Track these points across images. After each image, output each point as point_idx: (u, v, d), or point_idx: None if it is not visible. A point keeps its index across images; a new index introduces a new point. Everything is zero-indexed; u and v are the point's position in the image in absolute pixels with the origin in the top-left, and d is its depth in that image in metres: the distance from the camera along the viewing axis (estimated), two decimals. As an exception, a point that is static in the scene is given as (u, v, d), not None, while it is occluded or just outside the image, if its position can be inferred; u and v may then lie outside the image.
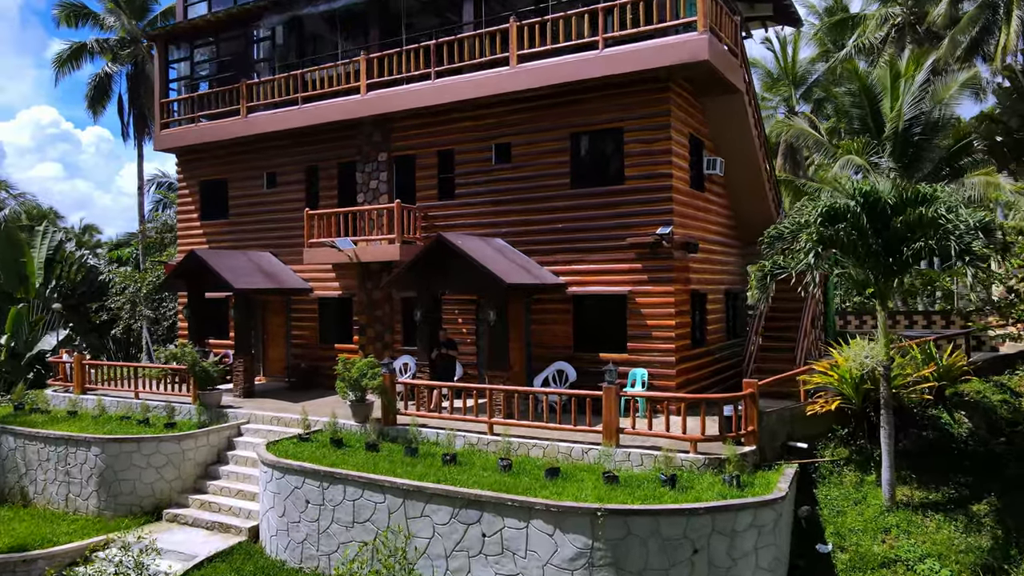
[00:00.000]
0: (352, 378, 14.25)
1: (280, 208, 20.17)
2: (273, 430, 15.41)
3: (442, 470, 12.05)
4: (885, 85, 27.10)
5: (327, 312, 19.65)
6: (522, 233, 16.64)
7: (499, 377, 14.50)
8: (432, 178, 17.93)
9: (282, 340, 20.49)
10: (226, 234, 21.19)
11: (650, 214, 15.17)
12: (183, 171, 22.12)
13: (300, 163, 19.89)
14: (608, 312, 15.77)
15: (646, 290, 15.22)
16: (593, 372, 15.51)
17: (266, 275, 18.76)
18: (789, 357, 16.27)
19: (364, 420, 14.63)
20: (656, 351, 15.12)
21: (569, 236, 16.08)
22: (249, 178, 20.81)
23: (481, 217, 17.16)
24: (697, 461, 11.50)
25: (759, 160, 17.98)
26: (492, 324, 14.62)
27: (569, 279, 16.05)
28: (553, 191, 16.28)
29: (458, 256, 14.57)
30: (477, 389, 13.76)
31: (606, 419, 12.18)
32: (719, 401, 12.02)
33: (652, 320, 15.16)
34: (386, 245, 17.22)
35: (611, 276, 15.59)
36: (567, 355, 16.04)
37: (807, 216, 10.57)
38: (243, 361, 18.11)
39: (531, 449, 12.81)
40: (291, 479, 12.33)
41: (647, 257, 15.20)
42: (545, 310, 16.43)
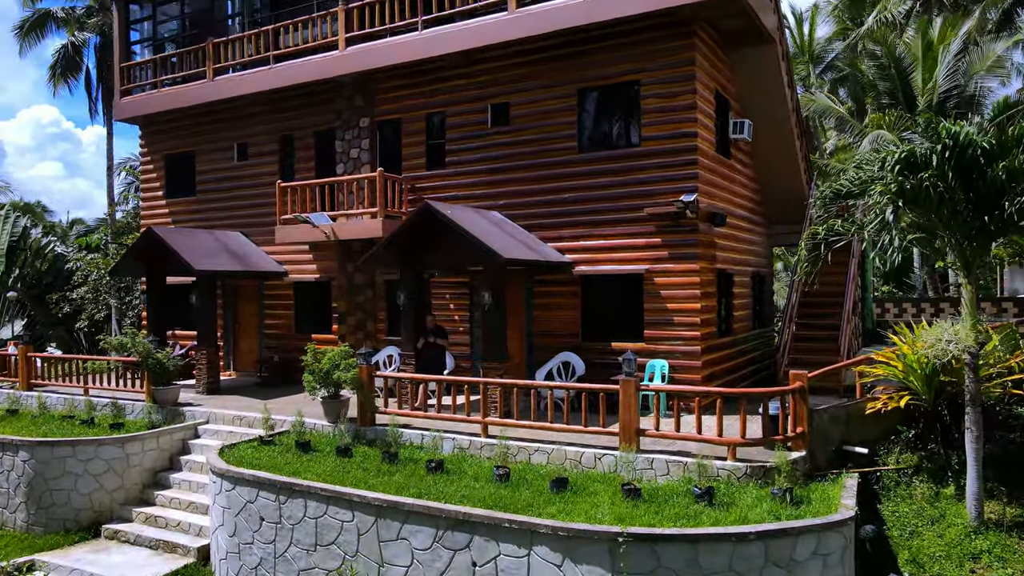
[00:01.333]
0: (322, 371, 12.12)
1: (252, 183, 18.05)
2: (234, 432, 13.29)
3: (425, 480, 9.94)
4: (917, 55, 25.02)
5: (303, 298, 17.53)
6: (522, 205, 14.52)
7: (495, 370, 12.38)
8: (420, 145, 15.81)
9: (255, 330, 18.38)
10: (194, 213, 19.07)
11: (671, 180, 13.05)
12: (146, 144, 19.99)
13: (274, 132, 17.76)
14: (622, 295, 13.66)
15: (666, 268, 13.09)
16: (604, 364, 13.40)
17: (233, 256, 16.64)
18: (831, 347, 14.14)
19: (337, 420, 12.51)
20: (678, 339, 13.00)
21: (577, 208, 13.95)
22: (218, 150, 18.68)
23: (476, 188, 15.04)
24: (737, 470, 9.38)
25: (792, 125, 15.85)
26: (487, 308, 12.50)
27: (577, 257, 13.92)
28: (558, 156, 14.15)
29: (447, 228, 12.45)
30: (469, 383, 11.64)
31: (624, 419, 10.06)
32: (760, 397, 9.90)
33: (673, 304, 13.04)
34: (368, 220, 15.09)
35: (625, 253, 13.47)
36: (574, 345, 13.92)
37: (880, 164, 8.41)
38: (206, 353, 15.99)
39: (533, 454, 10.69)
40: (242, 491, 10.20)
41: (668, 230, 13.07)
42: (549, 293, 14.31)
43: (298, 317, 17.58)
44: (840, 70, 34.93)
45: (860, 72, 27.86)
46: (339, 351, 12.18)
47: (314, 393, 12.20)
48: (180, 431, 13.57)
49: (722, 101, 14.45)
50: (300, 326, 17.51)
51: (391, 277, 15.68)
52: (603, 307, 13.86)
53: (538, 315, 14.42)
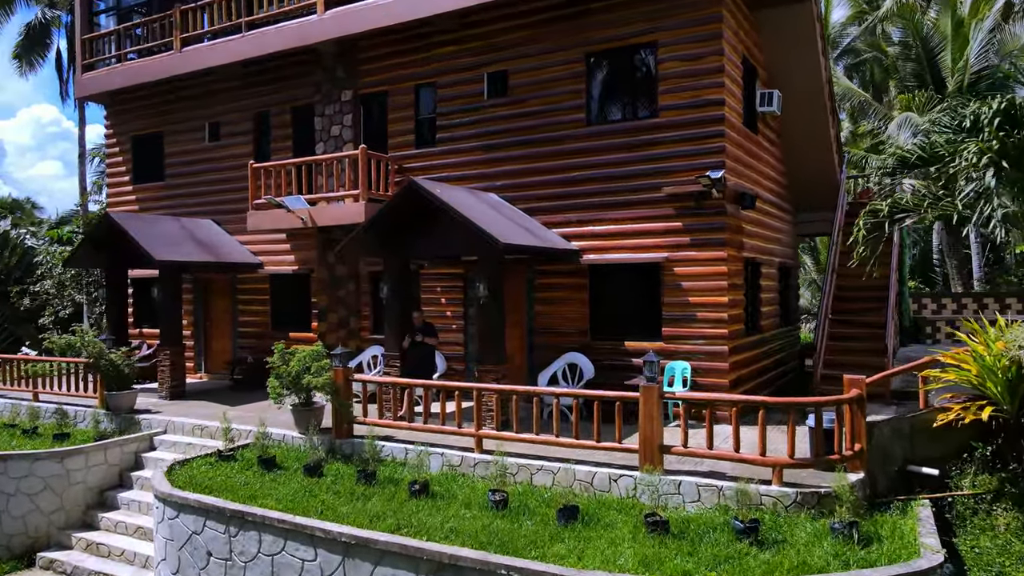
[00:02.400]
0: (291, 375, 10.44)
1: (225, 166, 16.36)
2: (194, 443, 11.61)
3: (407, 507, 8.29)
4: (945, 34, 23.33)
5: (280, 292, 15.85)
6: (523, 186, 12.83)
7: (492, 373, 10.72)
8: (408, 120, 14.12)
9: (229, 328, 16.69)
10: (162, 199, 17.37)
11: (693, 156, 11.36)
12: (112, 125, 18.29)
13: (247, 109, 16.07)
14: (636, 287, 11.99)
15: (688, 256, 11.40)
16: (616, 366, 11.75)
17: (201, 246, 14.95)
18: (871, 347, 12.45)
19: (310, 431, 10.84)
20: (701, 338, 11.31)
21: (585, 188, 12.27)
22: (188, 130, 16.99)
23: (470, 167, 13.35)
24: (784, 497, 7.70)
25: (825, 98, 14.15)
26: (483, 303, 10.83)
27: (584, 244, 12.24)
28: (563, 130, 12.47)
29: (436, 209, 10.78)
30: (461, 389, 9.94)
31: (645, 432, 8.39)
32: (810, 408, 8.21)
33: (696, 297, 11.35)
34: (349, 204, 13.39)
35: (641, 239, 11.79)
36: (581, 344, 12.25)
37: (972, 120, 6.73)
38: (170, 354, 14.30)
39: (535, 474, 9.02)
40: (187, 520, 8.53)
41: (690, 213, 11.39)
42: (553, 286, 12.62)
43: (275, 313, 15.90)
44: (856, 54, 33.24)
45: (883, 54, 26.14)
46: (309, 352, 10.50)
47: (280, 401, 10.51)
48: (132, 443, 11.88)
49: (749, 68, 12.76)
50: (277, 323, 15.82)
51: (376, 268, 14.01)
52: (615, 301, 12.19)
53: (540, 311, 12.74)
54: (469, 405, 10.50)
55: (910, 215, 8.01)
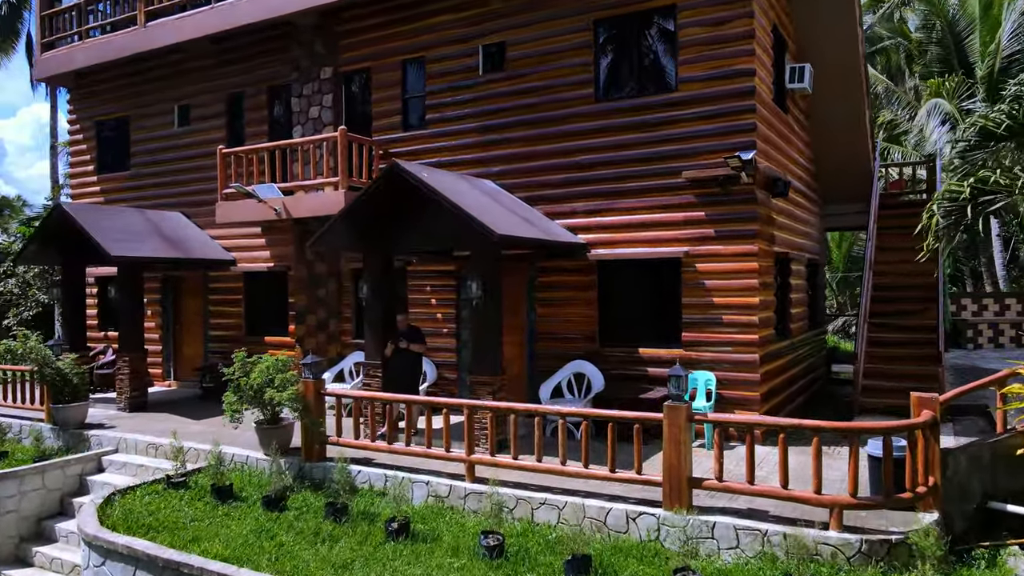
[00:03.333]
0: (252, 387, 8.96)
1: (195, 152, 14.88)
2: (147, 464, 10.14)
3: (382, 551, 6.84)
4: (973, 16, 21.87)
5: (255, 292, 14.38)
6: (523, 172, 11.36)
7: (487, 386, 9.25)
8: (395, 100, 12.63)
9: (200, 331, 15.22)
10: (128, 190, 15.90)
11: (718, 135, 9.89)
12: (75, 109, 16.81)
13: (219, 90, 14.59)
14: (652, 286, 10.53)
15: (713, 251, 9.92)
16: (629, 377, 10.29)
17: (167, 240, 13.47)
18: (920, 354, 10.97)
19: (278, 451, 9.38)
20: (727, 345, 9.83)
21: (593, 174, 10.79)
22: (156, 114, 15.51)
23: (464, 151, 11.88)
24: (846, 545, 6.21)
25: (860, 75, 12.66)
26: (476, 304, 9.35)
27: (593, 237, 10.77)
28: (569, 108, 10.99)
29: (423, 196, 9.30)
30: (449, 405, 8.45)
31: (670, 461, 6.91)
32: (868, 433, 6.73)
33: (722, 297, 9.87)
34: (328, 194, 11.89)
35: (657, 231, 10.31)
36: (589, 351, 10.78)
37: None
38: (129, 361, 12.83)
39: (537, 509, 7.54)
40: (115, 569, 7.07)
41: (715, 200, 9.91)
42: (557, 284, 11.14)
43: (249, 315, 14.42)
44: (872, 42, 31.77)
45: (905, 39, 24.66)
46: (273, 361, 9.01)
47: (236, 419, 9.01)
48: (77, 464, 10.41)
49: (779, 40, 11.27)
50: (252, 326, 14.35)
51: (359, 266, 12.51)
52: (627, 302, 10.72)
53: (543, 313, 11.26)
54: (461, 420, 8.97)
55: (999, 198, 6.55)
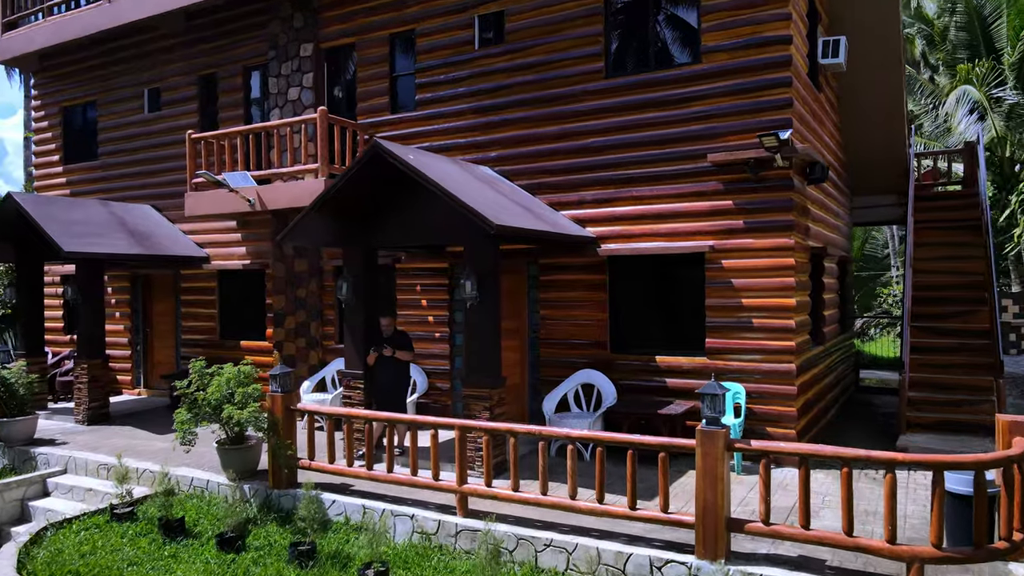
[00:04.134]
0: (210, 403, 7.71)
1: (166, 140, 13.62)
2: (95, 489, 8.89)
3: (353, 609, 5.58)
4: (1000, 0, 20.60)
5: (230, 292, 13.12)
6: (524, 157, 10.11)
7: (482, 400, 8.00)
8: (382, 79, 11.38)
9: (173, 335, 13.97)
10: (96, 182, 14.65)
11: (749, 111, 8.63)
12: (40, 95, 15.55)
13: (192, 71, 13.34)
14: (671, 285, 9.28)
15: (742, 245, 8.67)
16: (644, 388, 9.05)
17: (132, 235, 12.22)
18: (973, 362, 9.71)
19: (243, 476, 8.15)
20: (759, 353, 8.57)
21: (604, 159, 9.54)
22: (125, 99, 14.26)
23: (458, 135, 10.63)
24: (929, 610, 4.96)
25: (899, 50, 11.39)
26: (471, 306, 8.10)
27: (603, 230, 9.51)
28: (576, 85, 9.74)
29: (409, 182, 8.07)
30: (437, 425, 7.18)
31: (705, 500, 5.66)
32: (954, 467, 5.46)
33: (752, 298, 8.61)
34: (308, 182, 10.64)
35: (677, 223, 9.06)
36: (599, 359, 9.53)
37: None
38: (88, 368, 11.58)
39: (542, 552, 6.29)
40: (26, 630, 5.81)
41: (744, 187, 8.65)
42: (562, 283, 9.89)
43: (224, 318, 13.16)
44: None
45: (927, 25, 23.38)
46: (234, 373, 7.77)
47: (188, 440, 7.76)
48: (16, 488, 9.15)
49: (812, 8, 10.01)
50: (227, 330, 13.09)
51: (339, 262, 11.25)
52: (642, 304, 9.46)
53: (547, 315, 10.00)
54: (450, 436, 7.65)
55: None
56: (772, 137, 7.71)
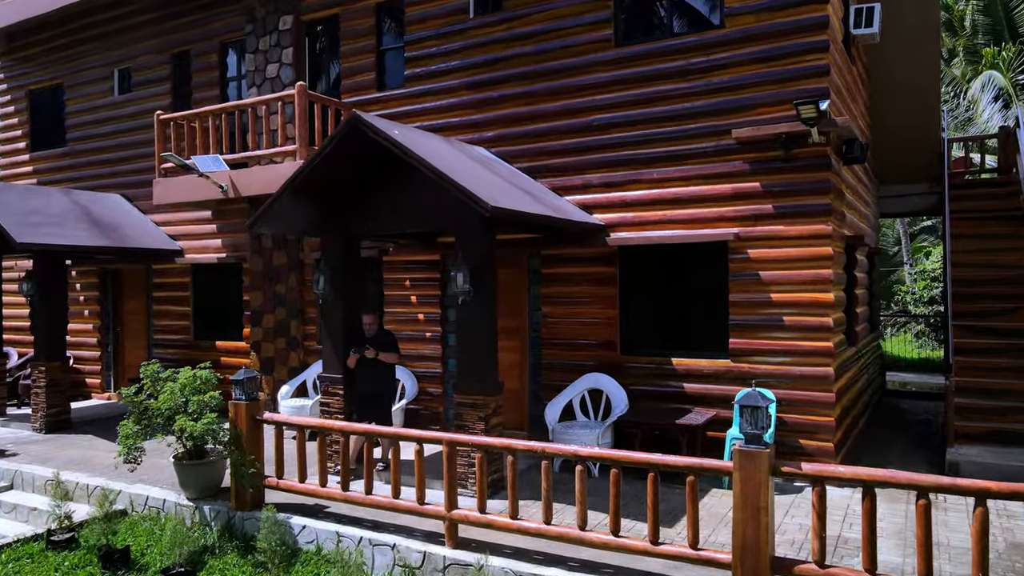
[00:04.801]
0: (162, 414, 6.69)
1: (137, 124, 12.61)
2: (41, 509, 7.84)
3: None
4: (1026, -18, 19.64)
5: (205, 288, 12.11)
6: (524, 137, 9.10)
7: (476, 409, 6.99)
8: (367, 53, 10.36)
9: (145, 334, 12.95)
10: (64, 170, 13.64)
11: (780, 81, 7.62)
12: (6, 78, 14.53)
13: (165, 49, 12.32)
14: (689, 279, 8.27)
15: (772, 232, 7.65)
16: (659, 394, 8.04)
17: (96, 226, 11.21)
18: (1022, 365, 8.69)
19: (204, 495, 7.14)
20: (791, 355, 7.55)
21: (613, 137, 8.52)
22: (94, 80, 13.25)
23: (452, 113, 9.62)
24: None
25: (936, 19, 10.36)
26: (464, 301, 7.08)
27: (612, 217, 8.50)
28: (581, 55, 8.73)
29: (392, 158, 7.07)
30: (422, 439, 6.15)
31: (744, 534, 4.64)
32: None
33: (783, 292, 7.59)
34: (286, 165, 9.61)
35: (697, 208, 8.04)
36: (608, 361, 8.51)
37: None
38: (46, 371, 10.57)
39: (545, 592, 5.28)
40: None
41: (774, 166, 7.63)
42: (567, 277, 8.86)
43: (198, 316, 12.14)
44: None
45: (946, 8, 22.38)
46: (189, 378, 6.76)
47: (133, 458, 6.73)
48: (-48, 507, 8.14)
49: (844, -30, 9.00)
50: (202, 329, 12.07)
51: (324, 255, 10.22)
52: (657, 300, 8.45)
53: (550, 313, 8.98)
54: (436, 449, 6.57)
55: None
56: (811, 106, 6.69)
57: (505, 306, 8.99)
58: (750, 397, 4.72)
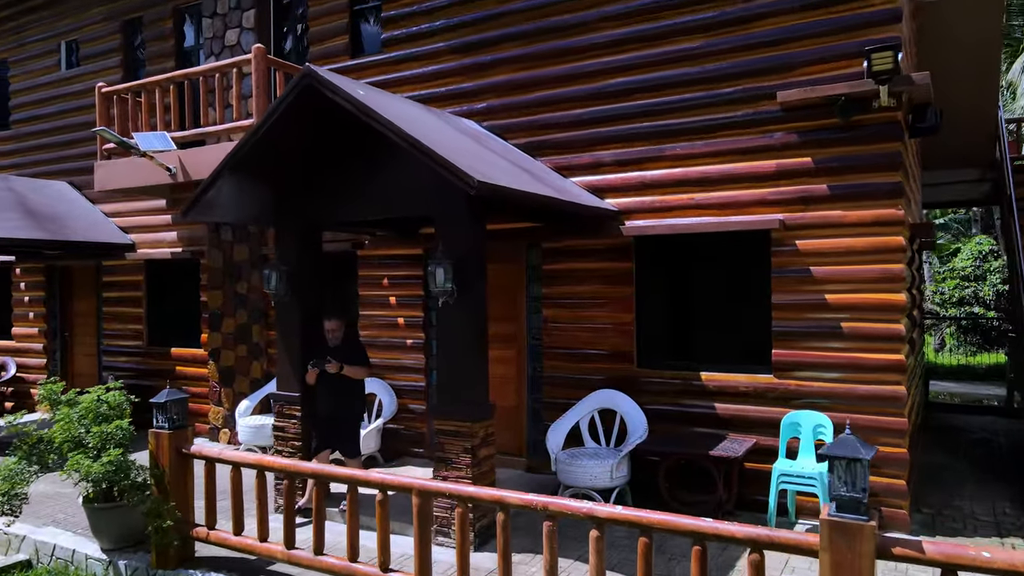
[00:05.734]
0: (56, 448, 5.23)
1: (85, 103, 11.12)
2: (-68, 555, 6.42)
3: None
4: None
5: (161, 286, 10.67)
6: (521, 108, 7.64)
7: (461, 436, 5.55)
8: (339, 13, 8.90)
9: (96, 340, 11.51)
10: (8, 155, 12.19)
11: (837, 31, 6.16)
12: (-54, 53, 13.09)
13: (115, 15, 10.88)
14: (723, 275, 6.83)
15: (826, 219, 6.20)
16: (685, 415, 6.62)
17: (30, 216, 9.78)
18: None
19: (122, 544, 5.71)
20: (851, 368, 6.10)
21: (629, 105, 7.07)
22: (39, 55, 11.80)
23: (436, 82, 8.17)
24: None
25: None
26: (446, 303, 5.64)
27: (628, 201, 7.05)
28: (590, 9, 7.27)
29: (359, 127, 5.63)
30: (386, 486, 4.70)
31: (834, 644, 3.18)
32: None
33: (841, 292, 6.15)
34: (243, 146, 8.15)
35: (732, 189, 6.58)
36: (622, 375, 7.07)
37: None
38: (-32, 382, 9.14)
39: None
40: None
41: (831, 137, 6.18)
42: (573, 274, 7.40)
43: (152, 319, 10.70)
44: None
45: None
46: (91, 402, 5.32)
47: (10, 509, 5.28)
48: None
49: (902, -91, 7.53)
50: (156, 334, 10.63)
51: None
52: (683, 301, 7.01)
53: (552, 317, 7.52)
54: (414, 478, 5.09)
55: None
56: (887, 54, 5.24)
57: (499, 309, 7.56)
58: (844, 445, 3.28)
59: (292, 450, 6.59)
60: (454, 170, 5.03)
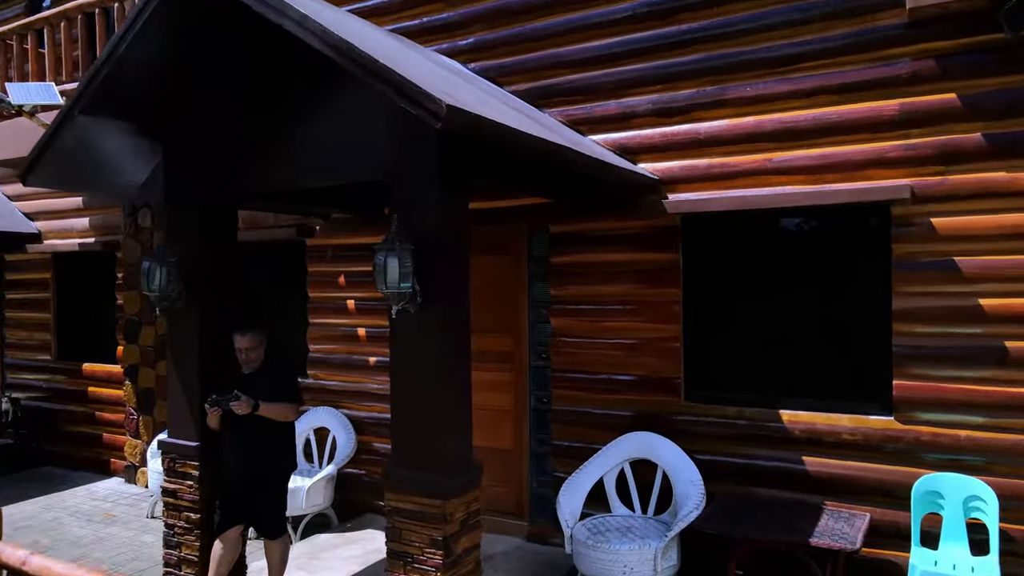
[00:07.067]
0: None
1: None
2: None
3: None
4: None
5: (71, 286, 8.59)
6: (522, 41, 5.56)
7: (427, 519, 3.47)
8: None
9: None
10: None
11: (996, -98, 4.08)
12: None
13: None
14: (814, 270, 4.73)
15: (980, 184, 4.12)
16: (757, 471, 4.50)
17: (-102, 196, 7.69)
18: None
19: None
20: (1016, 412, 4.02)
21: (672, 32, 4.98)
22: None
23: (409, 12, 6.10)
24: None
25: None
26: (403, 310, 3.55)
27: (670, 167, 4.97)
28: None
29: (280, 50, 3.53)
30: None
31: None
32: None
33: (998, 296, 4.07)
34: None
35: (829, 145, 4.50)
36: (664, 412, 4.98)
37: None
38: None
39: None
40: None
41: (987, 60, 4.10)
42: (591, 268, 5.32)
43: (62, 327, 8.61)
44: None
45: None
46: None
47: None
48: None
49: None
50: (65, 346, 8.55)
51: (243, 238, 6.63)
52: (752, 306, 4.93)
53: (564, 329, 5.44)
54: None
55: None
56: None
57: (489, 317, 5.49)
58: None
59: (187, 525, 4.51)
60: (414, 92, 2.99)
